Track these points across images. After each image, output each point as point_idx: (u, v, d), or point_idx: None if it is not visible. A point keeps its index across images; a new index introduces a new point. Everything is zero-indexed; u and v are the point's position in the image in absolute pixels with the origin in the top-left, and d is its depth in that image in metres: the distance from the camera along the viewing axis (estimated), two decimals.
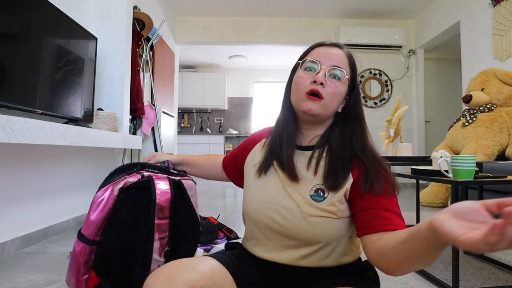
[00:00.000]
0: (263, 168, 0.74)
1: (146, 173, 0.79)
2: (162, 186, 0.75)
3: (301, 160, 0.72)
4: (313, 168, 0.70)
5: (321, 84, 0.67)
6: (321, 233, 0.65)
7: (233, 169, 0.90)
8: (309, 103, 0.68)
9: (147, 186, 0.74)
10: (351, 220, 0.68)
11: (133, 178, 0.75)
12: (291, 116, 0.75)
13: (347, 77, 0.69)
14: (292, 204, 0.68)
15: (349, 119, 0.71)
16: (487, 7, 3.18)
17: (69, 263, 0.74)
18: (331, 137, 0.71)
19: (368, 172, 0.65)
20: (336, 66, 0.68)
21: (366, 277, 0.71)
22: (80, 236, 0.73)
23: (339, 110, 0.72)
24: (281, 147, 0.72)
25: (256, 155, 0.79)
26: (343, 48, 0.72)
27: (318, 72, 0.68)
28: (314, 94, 0.67)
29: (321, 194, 0.67)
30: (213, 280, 0.62)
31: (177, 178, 0.81)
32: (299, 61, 0.73)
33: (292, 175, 0.69)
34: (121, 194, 0.73)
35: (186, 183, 0.82)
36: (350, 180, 0.66)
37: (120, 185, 0.73)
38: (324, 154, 0.70)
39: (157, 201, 0.73)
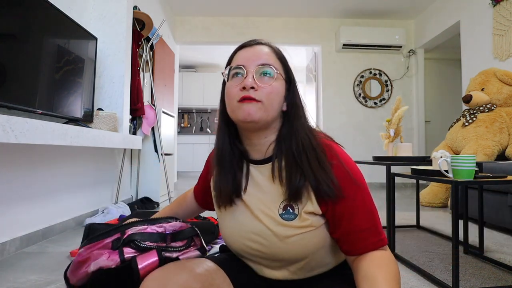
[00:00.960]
0: (221, 205, 0.69)
1: (128, 251, 0.63)
2: (148, 264, 0.62)
3: (263, 175, 0.66)
4: (278, 181, 0.63)
5: (252, 88, 0.60)
6: (304, 249, 0.62)
7: (209, 197, 0.81)
8: (246, 108, 0.60)
9: (128, 270, 0.62)
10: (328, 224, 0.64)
11: (109, 262, 0.62)
12: (232, 132, 0.68)
13: (278, 72, 0.63)
14: (264, 229, 0.63)
15: (296, 116, 0.65)
16: (487, 7, 3.18)
17: None
18: (286, 140, 0.64)
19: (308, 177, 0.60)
20: (264, 64, 0.62)
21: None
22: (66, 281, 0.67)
23: (284, 108, 0.65)
24: (221, 178, 0.67)
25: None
26: (267, 44, 0.68)
27: (246, 77, 0.61)
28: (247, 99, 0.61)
29: (291, 210, 0.62)
30: (209, 282, 0.61)
31: (175, 254, 0.66)
32: (224, 72, 0.66)
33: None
34: (96, 275, 0.63)
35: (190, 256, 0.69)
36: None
37: (95, 266, 0.62)
38: (283, 162, 0.63)
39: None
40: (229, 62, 0.68)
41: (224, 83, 0.67)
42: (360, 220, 0.60)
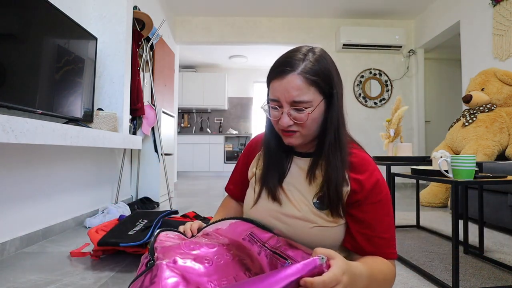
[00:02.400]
0: (263, 187, 0.77)
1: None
2: None
3: (303, 166, 0.74)
4: (313, 176, 0.71)
5: (289, 125, 0.67)
6: (321, 242, 0.66)
7: (246, 186, 0.88)
8: (287, 139, 0.70)
9: None
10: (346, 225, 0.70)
11: None
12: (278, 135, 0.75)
13: (311, 100, 0.64)
14: (295, 212, 0.69)
15: (332, 125, 0.69)
16: (487, 7, 3.18)
17: None
18: (325, 146, 0.69)
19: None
20: (295, 102, 0.64)
21: None
22: None
23: (326, 115, 0.70)
24: (267, 180, 0.75)
25: (254, 170, 0.82)
26: (297, 68, 0.64)
27: (281, 115, 0.66)
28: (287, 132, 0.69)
29: (323, 202, 0.68)
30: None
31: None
32: (263, 106, 0.72)
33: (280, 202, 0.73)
34: None
35: None
36: (347, 188, 0.68)
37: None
38: (321, 162, 0.70)
39: None
40: (267, 85, 0.71)
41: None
42: (382, 228, 0.66)
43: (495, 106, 2.70)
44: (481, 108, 2.73)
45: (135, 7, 2.86)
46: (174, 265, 0.57)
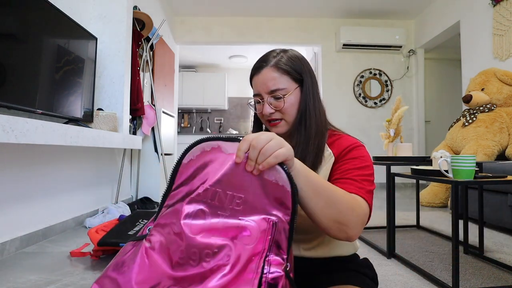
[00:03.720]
0: None
1: None
2: None
3: None
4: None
5: (271, 113, 0.73)
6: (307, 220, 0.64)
7: None
8: (273, 129, 0.75)
9: None
10: None
11: None
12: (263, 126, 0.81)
13: (285, 87, 0.72)
14: None
15: (303, 112, 0.74)
16: (487, 7, 3.18)
17: None
18: (299, 130, 0.73)
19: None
20: (272, 91, 0.72)
21: (364, 274, 0.72)
22: None
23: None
24: None
25: None
26: (271, 62, 0.73)
27: (263, 106, 0.74)
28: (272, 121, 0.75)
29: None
30: None
31: None
32: (250, 102, 0.80)
33: None
34: None
35: None
36: (331, 158, 0.69)
37: None
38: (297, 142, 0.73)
39: None
40: (251, 85, 0.80)
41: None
42: (357, 173, 0.66)
43: (495, 106, 2.70)
44: (481, 108, 2.73)
45: (135, 7, 2.86)
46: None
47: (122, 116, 2.46)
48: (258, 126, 0.83)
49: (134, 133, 2.87)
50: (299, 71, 0.74)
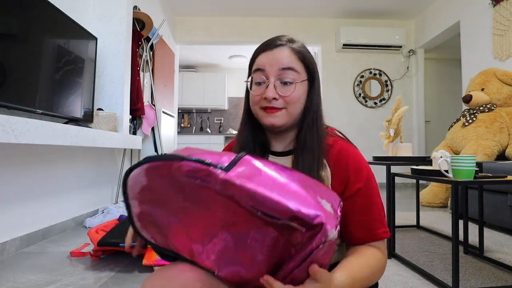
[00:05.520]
0: None
1: None
2: None
3: None
4: None
5: (274, 99, 0.63)
6: None
7: None
8: (270, 118, 0.64)
9: None
10: None
11: None
12: (256, 125, 0.69)
13: (299, 72, 0.64)
14: None
15: (314, 113, 0.67)
16: (487, 7, 3.18)
17: None
18: (306, 137, 0.66)
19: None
20: (283, 69, 0.62)
21: None
22: None
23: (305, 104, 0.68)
24: None
25: None
26: (289, 44, 0.65)
27: (266, 88, 0.63)
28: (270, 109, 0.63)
29: None
30: (211, 281, 0.62)
31: None
32: (247, 80, 0.67)
33: None
34: None
35: None
36: (327, 173, 0.64)
37: None
38: (303, 156, 0.65)
39: None
40: (250, 66, 0.68)
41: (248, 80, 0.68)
42: (372, 210, 0.64)
43: (495, 106, 2.70)
44: (481, 108, 2.73)
45: (135, 7, 2.86)
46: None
47: (122, 116, 2.46)
48: (250, 126, 0.69)
49: (134, 133, 2.87)
50: (313, 64, 0.67)
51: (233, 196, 0.44)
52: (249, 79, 0.67)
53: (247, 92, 0.70)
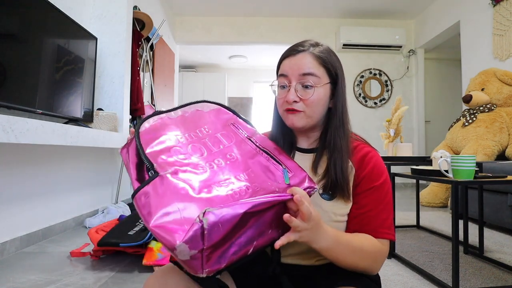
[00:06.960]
0: None
1: None
2: None
3: (304, 162, 0.72)
4: (318, 170, 0.70)
5: (295, 101, 0.67)
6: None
7: None
8: (290, 118, 0.69)
9: None
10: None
11: None
12: (284, 124, 0.74)
13: (319, 76, 0.67)
14: None
15: (337, 115, 0.71)
16: (487, 7, 3.18)
17: None
18: (331, 136, 0.70)
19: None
20: (304, 74, 0.66)
21: (367, 276, 0.71)
22: None
23: (330, 105, 0.72)
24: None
25: None
26: (311, 49, 0.68)
27: (288, 90, 0.67)
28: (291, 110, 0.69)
29: (330, 192, 0.67)
30: None
31: None
32: (272, 84, 0.73)
33: None
34: None
35: None
36: (352, 170, 0.68)
37: None
38: (326, 155, 0.70)
39: None
40: (277, 70, 0.73)
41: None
42: (380, 209, 0.66)
43: (495, 106, 2.70)
44: (481, 108, 2.73)
45: (135, 7, 2.86)
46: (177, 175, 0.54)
47: (122, 116, 2.46)
48: (279, 125, 0.75)
49: None
50: (335, 68, 0.70)
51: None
52: (275, 84, 0.73)
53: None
